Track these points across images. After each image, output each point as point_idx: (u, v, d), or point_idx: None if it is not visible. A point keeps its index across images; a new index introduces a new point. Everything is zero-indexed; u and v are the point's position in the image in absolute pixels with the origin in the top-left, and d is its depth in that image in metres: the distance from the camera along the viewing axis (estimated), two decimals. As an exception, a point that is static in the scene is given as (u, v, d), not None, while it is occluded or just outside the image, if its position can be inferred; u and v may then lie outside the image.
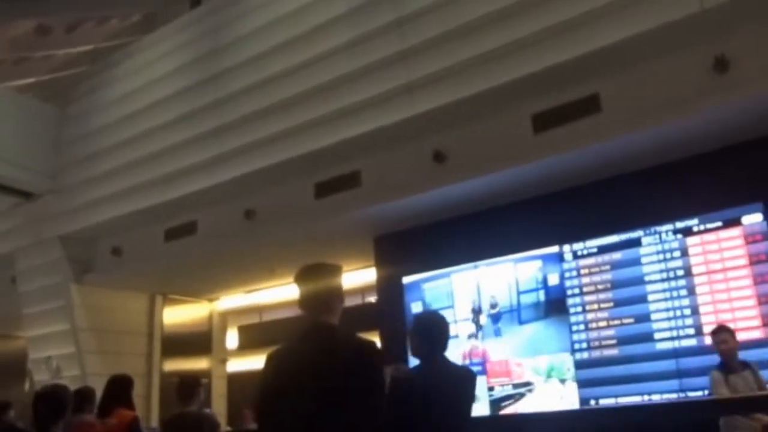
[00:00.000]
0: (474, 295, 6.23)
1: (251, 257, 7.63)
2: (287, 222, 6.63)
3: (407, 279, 6.71)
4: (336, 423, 1.96)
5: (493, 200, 6.01)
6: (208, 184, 6.90)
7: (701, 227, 5.19)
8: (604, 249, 5.60)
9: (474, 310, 6.19)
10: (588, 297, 5.59)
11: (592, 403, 5.36)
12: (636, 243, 5.45)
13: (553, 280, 5.81)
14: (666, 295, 5.22)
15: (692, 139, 4.96)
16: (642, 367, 5.18)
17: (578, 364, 5.51)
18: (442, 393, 2.59)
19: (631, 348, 5.27)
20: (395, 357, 4.84)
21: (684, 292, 5.15)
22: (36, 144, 8.32)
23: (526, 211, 5.94)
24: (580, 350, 5.53)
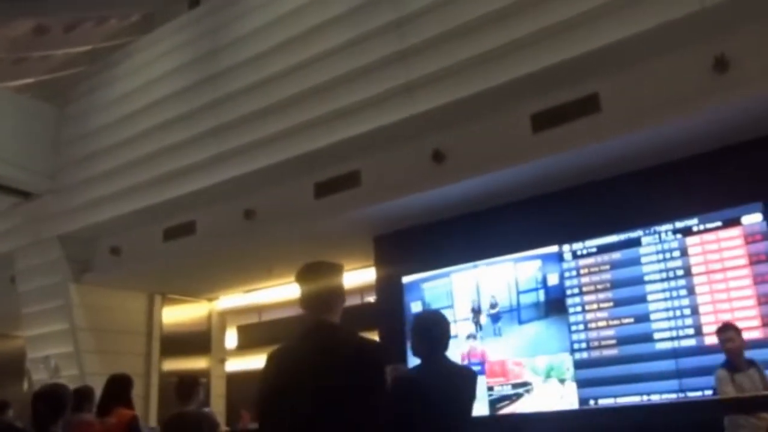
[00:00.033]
0: (474, 295, 6.22)
1: (250, 257, 7.63)
2: (286, 222, 6.63)
3: (407, 279, 6.70)
4: (337, 422, 1.95)
5: (493, 200, 6.00)
6: (207, 184, 6.90)
7: (701, 227, 5.18)
8: (604, 249, 5.59)
9: (474, 310, 6.19)
10: (587, 297, 5.58)
11: (592, 403, 5.34)
12: (636, 243, 5.45)
13: (553, 280, 5.80)
14: (666, 295, 5.21)
15: (692, 139, 4.95)
16: (641, 367, 5.17)
17: (577, 364, 5.50)
18: (443, 392, 2.58)
19: (631, 348, 5.26)
20: (394, 357, 4.83)
21: (684, 292, 5.14)
22: (35, 144, 8.32)
23: (526, 211, 5.93)
24: (580, 350, 5.52)
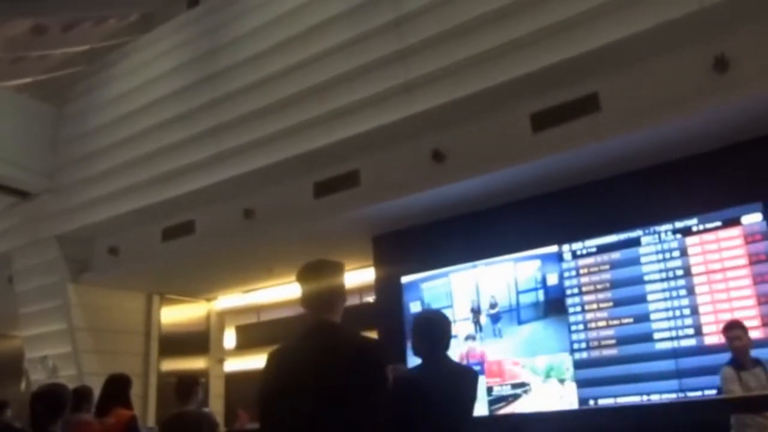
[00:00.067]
0: (473, 295, 6.21)
1: (249, 257, 7.61)
2: (286, 221, 6.61)
3: (406, 279, 6.69)
4: (337, 421, 1.95)
5: (492, 200, 5.99)
6: (206, 184, 6.89)
7: (700, 227, 5.18)
8: (604, 249, 5.58)
9: (473, 310, 6.18)
10: (587, 297, 5.58)
11: (591, 403, 5.34)
12: (635, 243, 5.44)
13: (552, 280, 5.79)
14: (665, 295, 5.20)
15: (691, 139, 4.95)
16: (641, 367, 5.16)
17: (577, 364, 5.50)
18: (444, 392, 2.58)
19: (631, 348, 5.25)
20: (395, 356, 4.82)
21: (683, 292, 5.13)
22: (33, 143, 8.30)
23: (525, 211, 5.92)
24: (579, 350, 5.51)
